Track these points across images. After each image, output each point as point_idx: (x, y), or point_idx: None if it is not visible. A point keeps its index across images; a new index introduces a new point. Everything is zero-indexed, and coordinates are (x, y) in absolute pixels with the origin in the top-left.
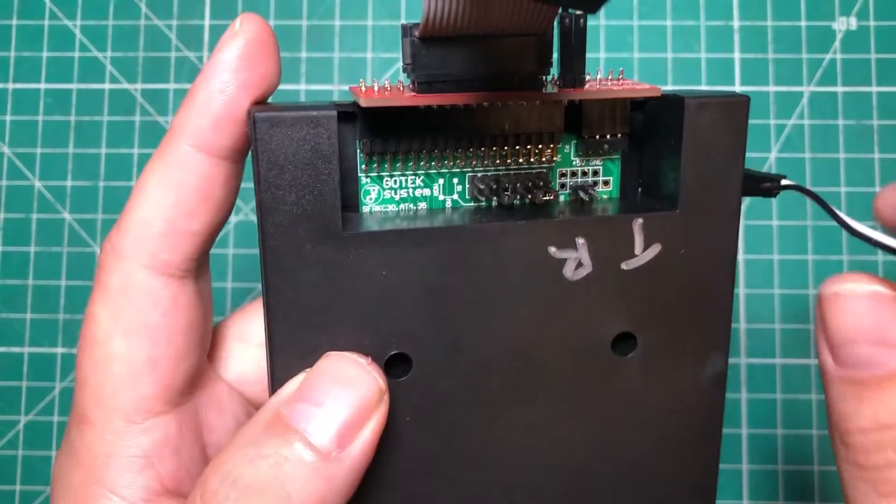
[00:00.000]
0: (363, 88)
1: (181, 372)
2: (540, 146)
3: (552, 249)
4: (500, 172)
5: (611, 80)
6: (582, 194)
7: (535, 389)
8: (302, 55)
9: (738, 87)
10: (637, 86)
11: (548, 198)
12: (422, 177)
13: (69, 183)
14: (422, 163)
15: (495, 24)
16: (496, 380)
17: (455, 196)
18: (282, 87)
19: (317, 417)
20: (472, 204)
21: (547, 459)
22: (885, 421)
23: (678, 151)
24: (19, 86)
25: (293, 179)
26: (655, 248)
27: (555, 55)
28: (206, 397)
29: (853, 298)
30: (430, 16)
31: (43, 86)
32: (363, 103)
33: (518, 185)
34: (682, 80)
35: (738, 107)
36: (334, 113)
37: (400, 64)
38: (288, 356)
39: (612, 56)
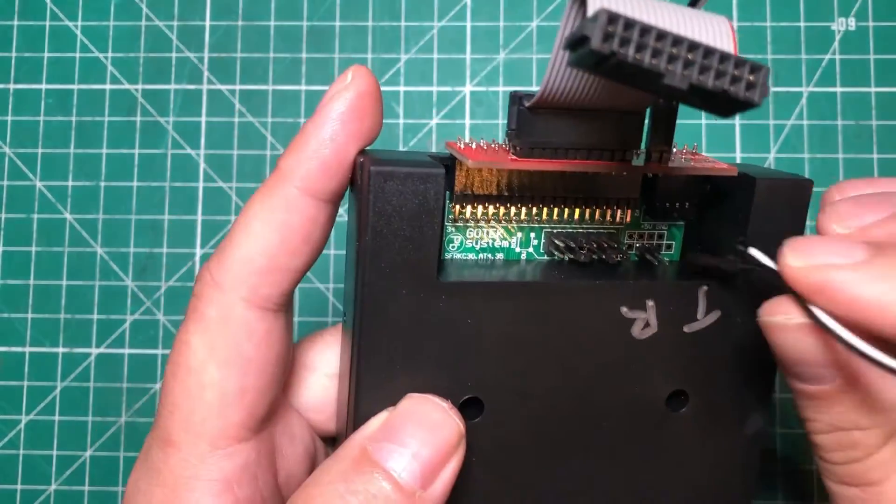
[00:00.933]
0: (461, 145)
1: (266, 401)
2: (616, 209)
3: (624, 309)
4: (575, 230)
5: (686, 152)
6: (649, 257)
7: (593, 436)
8: (302, 56)
9: None
10: (716, 164)
11: (619, 259)
12: (502, 230)
13: (70, 183)
14: (504, 217)
15: (603, 102)
16: (559, 426)
17: (530, 249)
18: (282, 87)
19: (403, 457)
20: (545, 257)
21: (599, 501)
22: (839, 425)
23: (745, 225)
24: (20, 86)
25: (398, 229)
26: (715, 314)
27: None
28: (280, 425)
29: (785, 330)
30: (547, 92)
31: (44, 86)
32: (471, 164)
33: (592, 244)
34: None
35: (802, 188)
36: (443, 171)
37: (401, 64)
38: (372, 394)
39: None
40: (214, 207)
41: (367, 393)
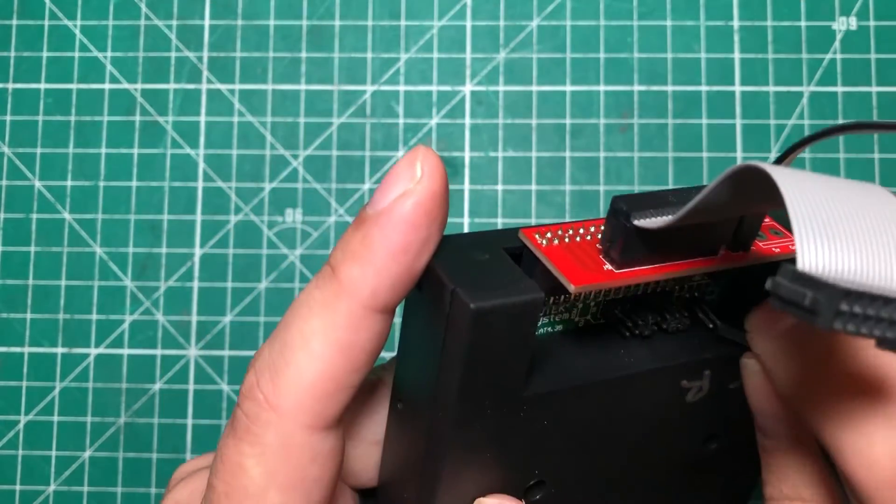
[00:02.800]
0: (542, 242)
1: None
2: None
3: (684, 382)
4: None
5: (774, 240)
6: (702, 315)
7: (636, 482)
8: (302, 55)
9: (737, 88)
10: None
11: (679, 326)
12: (566, 304)
13: (69, 183)
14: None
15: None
16: (609, 483)
17: (588, 317)
18: (281, 86)
19: None
20: (602, 321)
21: None
22: (787, 493)
23: None
24: (19, 86)
25: (488, 357)
26: None
27: None
28: None
29: (750, 375)
30: (674, 227)
31: (43, 86)
32: (573, 290)
33: (655, 314)
34: (681, 81)
35: None
36: (542, 295)
37: (401, 64)
38: (444, 498)
39: (611, 56)
40: (214, 207)
41: (440, 499)
